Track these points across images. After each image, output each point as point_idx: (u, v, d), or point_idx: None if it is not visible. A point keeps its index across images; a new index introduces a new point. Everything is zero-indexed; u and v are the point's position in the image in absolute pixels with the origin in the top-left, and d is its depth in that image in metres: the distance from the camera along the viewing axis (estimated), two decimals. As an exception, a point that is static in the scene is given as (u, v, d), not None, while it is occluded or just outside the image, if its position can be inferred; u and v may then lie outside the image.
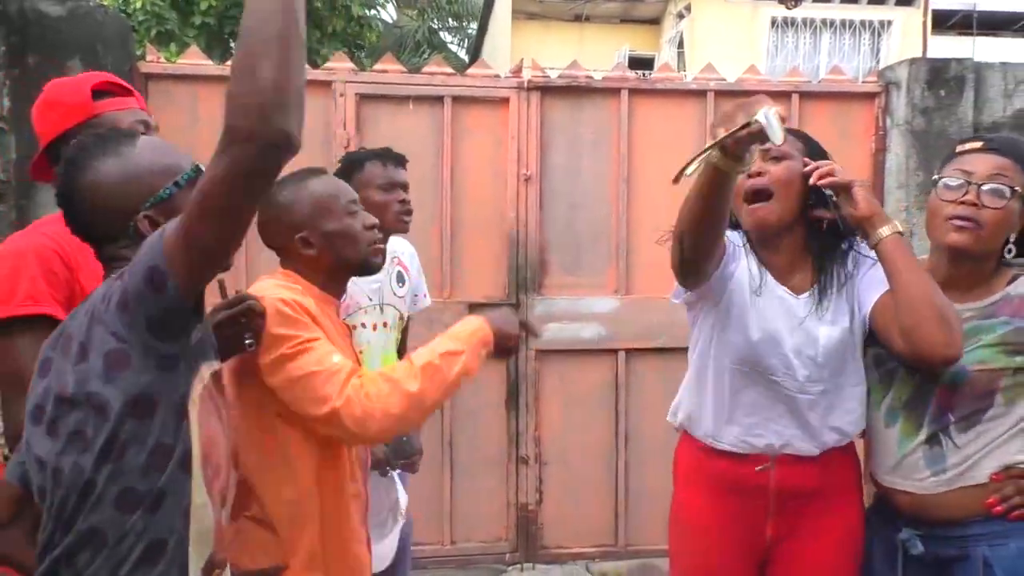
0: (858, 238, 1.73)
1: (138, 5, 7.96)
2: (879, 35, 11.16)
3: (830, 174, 1.65)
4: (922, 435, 1.64)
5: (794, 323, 1.71)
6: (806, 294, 1.74)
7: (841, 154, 3.65)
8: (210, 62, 3.53)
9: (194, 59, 3.48)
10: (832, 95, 3.71)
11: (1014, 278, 1.65)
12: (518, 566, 3.65)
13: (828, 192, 1.66)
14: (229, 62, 3.47)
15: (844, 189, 1.64)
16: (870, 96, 3.72)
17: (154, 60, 3.48)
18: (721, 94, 3.64)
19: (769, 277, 1.75)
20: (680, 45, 11.37)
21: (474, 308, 3.54)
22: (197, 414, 1.17)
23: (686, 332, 1.90)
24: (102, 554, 1.11)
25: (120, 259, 1.23)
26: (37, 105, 1.70)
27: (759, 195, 1.69)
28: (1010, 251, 1.63)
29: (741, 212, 1.73)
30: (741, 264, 1.75)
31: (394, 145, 3.48)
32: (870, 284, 1.69)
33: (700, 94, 3.64)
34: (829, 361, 1.70)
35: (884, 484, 1.72)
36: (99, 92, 1.65)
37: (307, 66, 3.56)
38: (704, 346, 1.79)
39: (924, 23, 10.69)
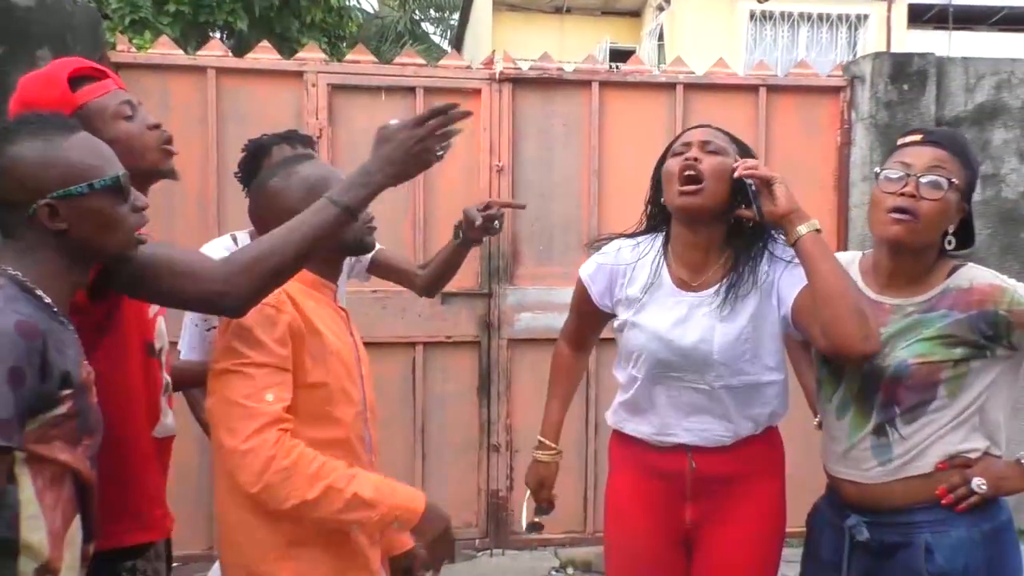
0: (775, 238, 1.79)
1: (112, -7, 7.91)
2: (856, 29, 11.28)
3: (754, 168, 1.70)
4: (870, 426, 1.69)
5: (689, 321, 1.78)
6: (711, 290, 1.79)
7: (807, 147, 3.75)
8: (181, 52, 3.54)
9: (165, 49, 3.48)
10: (799, 89, 3.77)
11: (953, 270, 1.68)
12: (488, 552, 3.71)
13: (751, 189, 1.71)
14: (200, 52, 3.50)
15: (766, 184, 1.69)
16: (835, 90, 3.78)
17: (124, 50, 3.48)
18: (690, 87, 3.69)
19: (665, 280, 1.83)
20: (660, 38, 11.43)
21: (447, 298, 3.58)
22: (32, 430, 1.19)
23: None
24: None
25: (14, 237, 1.27)
26: (14, 106, 1.58)
27: (691, 180, 1.75)
28: (950, 243, 1.66)
29: (670, 195, 1.79)
30: (619, 287, 1.87)
31: (366, 135, 3.51)
32: (791, 283, 1.74)
33: (670, 87, 3.69)
34: (727, 357, 1.76)
35: (832, 474, 1.77)
36: (75, 80, 1.56)
37: (277, 56, 3.56)
38: (618, 349, 1.93)
39: (888, 17, 10.80)
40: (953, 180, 1.62)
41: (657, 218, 1.91)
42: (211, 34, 9.30)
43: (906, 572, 1.63)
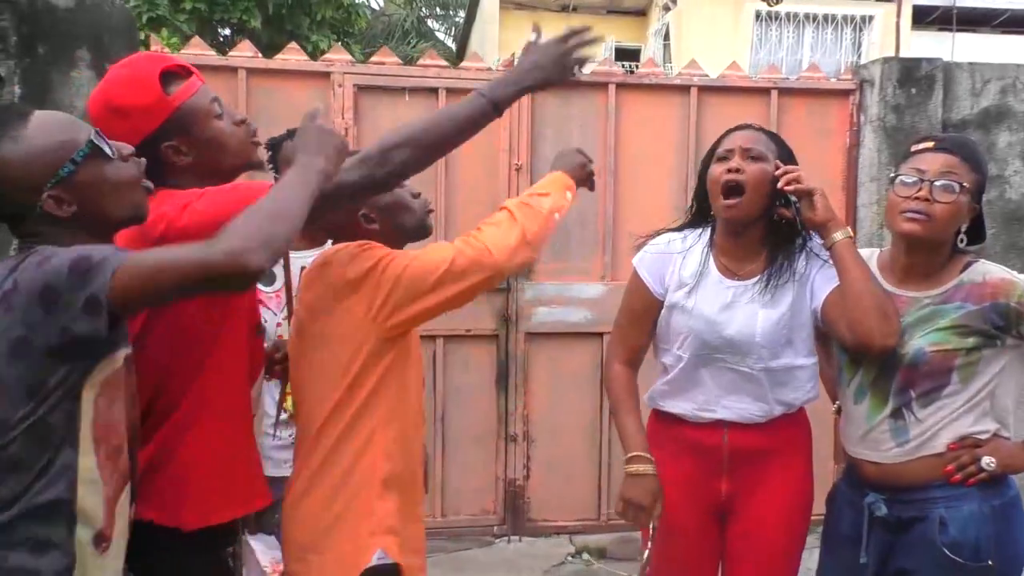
0: (815, 238, 1.94)
1: (130, -10, 8.01)
2: (860, 30, 11.36)
3: (797, 180, 1.84)
4: (887, 410, 1.80)
5: (735, 307, 1.92)
6: (753, 279, 1.94)
7: (817, 148, 3.87)
8: (212, 52, 3.65)
9: (197, 49, 3.59)
10: (809, 92, 3.88)
11: (967, 265, 1.81)
12: (505, 538, 3.83)
13: (793, 200, 1.86)
14: (232, 53, 3.61)
15: (807, 195, 1.85)
16: (845, 93, 3.90)
17: (158, 50, 3.60)
18: (704, 89, 3.81)
19: (712, 269, 1.96)
20: (666, 37, 11.52)
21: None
22: (94, 398, 1.24)
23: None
24: None
25: (34, 235, 1.27)
26: (100, 111, 1.52)
27: (733, 191, 1.88)
28: (962, 240, 1.80)
29: (715, 205, 1.94)
30: (670, 273, 1.99)
31: (390, 135, 3.65)
32: (824, 281, 1.89)
33: (684, 89, 3.81)
34: (768, 341, 1.90)
35: (853, 455, 1.89)
36: (166, 80, 1.52)
37: (306, 58, 3.70)
38: (660, 333, 2.04)
39: (897, 23, 10.89)
40: (964, 184, 1.75)
41: (703, 212, 2.04)
42: (221, 30, 9.42)
43: (922, 544, 1.75)
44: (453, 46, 17.44)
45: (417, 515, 1.67)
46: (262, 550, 2.26)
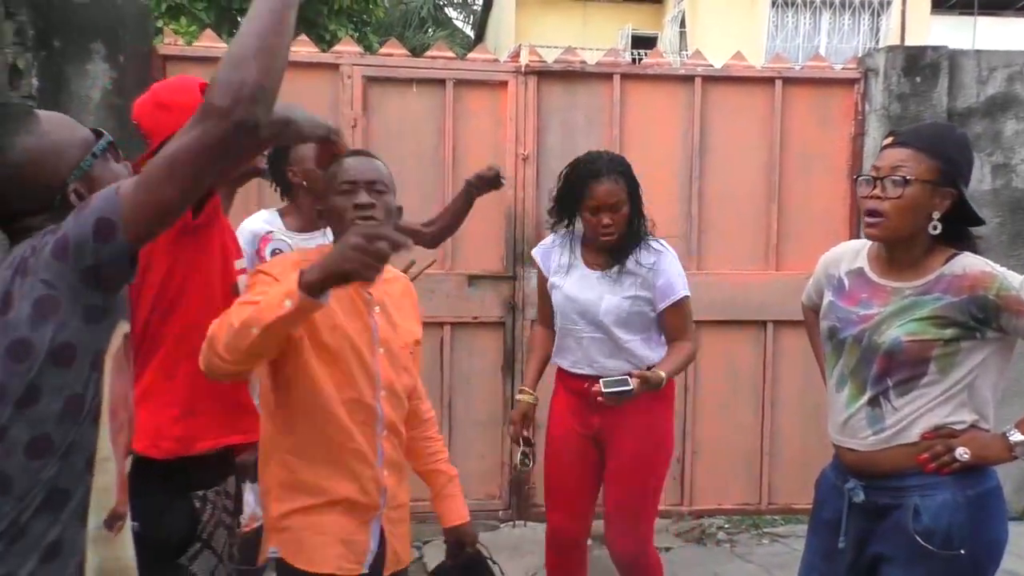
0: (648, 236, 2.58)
1: (148, -20, 8.11)
2: (878, 15, 11.25)
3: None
4: (865, 398, 1.85)
5: (591, 292, 2.55)
6: (601, 272, 2.57)
7: (821, 137, 3.89)
8: (223, 44, 3.72)
9: (209, 42, 3.67)
10: (814, 81, 3.89)
11: (950, 258, 1.82)
12: (511, 523, 3.91)
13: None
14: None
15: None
16: (850, 82, 3.90)
17: (172, 42, 3.68)
18: (709, 79, 3.83)
19: (580, 262, 2.62)
20: (682, 24, 11.47)
21: (473, 280, 3.77)
22: (110, 369, 1.23)
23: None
24: (6, 500, 1.16)
25: (34, 229, 1.25)
26: (146, 106, 1.85)
27: (606, 230, 2.51)
28: (935, 228, 1.79)
29: (587, 226, 2.57)
30: (553, 265, 2.67)
31: (399, 125, 3.72)
32: (662, 292, 2.54)
33: (689, 79, 3.83)
34: (610, 318, 2.51)
35: (834, 442, 1.94)
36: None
37: (315, 50, 3.77)
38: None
39: (903, 9, 10.76)
40: (910, 177, 1.77)
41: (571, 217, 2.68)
42: (240, 19, 9.49)
43: (896, 530, 1.80)
44: (471, 34, 17.45)
45: (342, 498, 1.74)
46: (252, 501, 2.39)
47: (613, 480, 2.60)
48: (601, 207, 2.50)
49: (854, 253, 1.97)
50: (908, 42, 9.10)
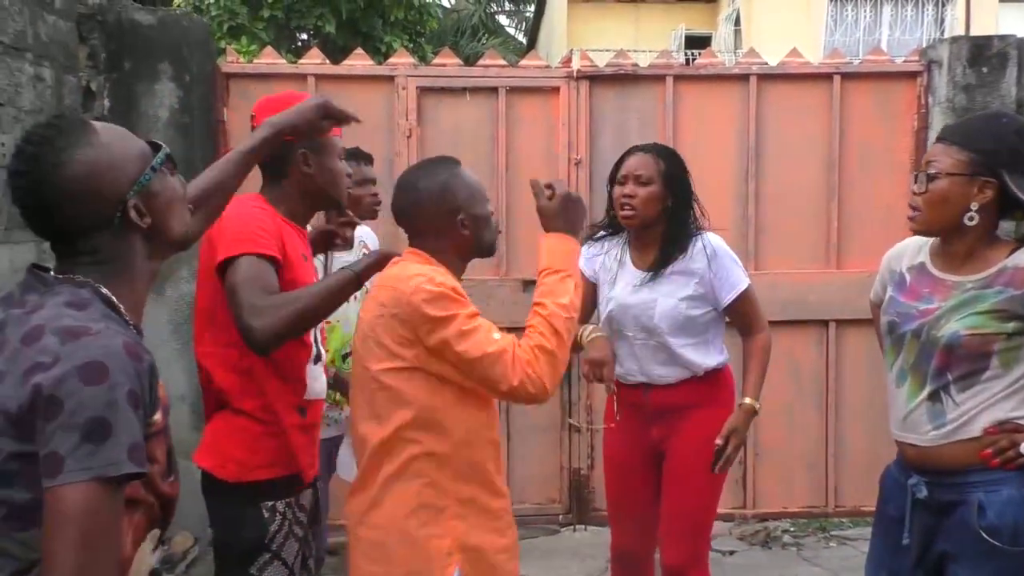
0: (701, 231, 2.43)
1: (211, 0, 8.39)
2: (943, 5, 10.92)
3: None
4: (925, 393, 1.82)
5: (643, 294, 2.40)
6: (651, 271, 2.41)
7: (882, 132, 3.81)
8: (283, 61, 3.84)
9: (270, 59, 3.78)
10: (874, 75, 3.81)
11: (1014, 250, 1.78)
12: (571, 527, 3.91)
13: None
14: (301, 60, 3.79)
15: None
16: (912, 75, 3.81)
17: (233, 60, 3.80)
18: (764, 77, 3.79)
19: (628, 262, 2.48)
20: (737, 23, 11.33)
21: (528, 285, 3.79)
22: None
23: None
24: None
25: (90, 253, 1.17)
26: (275, 105, 1.85)
27: (627, 200, 2.36)
28: (971, 219, 1.77)
29: (615, 204, 2.43)
30: (598, 267, 2.53)
31: (452, 134, 3.78)
32: (723, 285, 2.40)
33: (743, 78, 3.79)
34: (665, 323, 2.37)
35: (896, 437, 1.91)
36: None
37: (371, 62, 3.85)
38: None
39: (968, 0, 10.40)
40: (936, 171, 1.79)
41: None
42: (298, 35, 9.74)
43: (961, 527, 1.76)
44: (523, 40, 17.54)
45: (495, 510, 1.75)
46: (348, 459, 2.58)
47: (669, 488, 2.48)
48: (627, 177, 2.37)
49: (916, 248, 1.94)
50: (974, 32, 8.82)
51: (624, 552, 2.59)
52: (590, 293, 2.54)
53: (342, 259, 2.57)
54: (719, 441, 2.29)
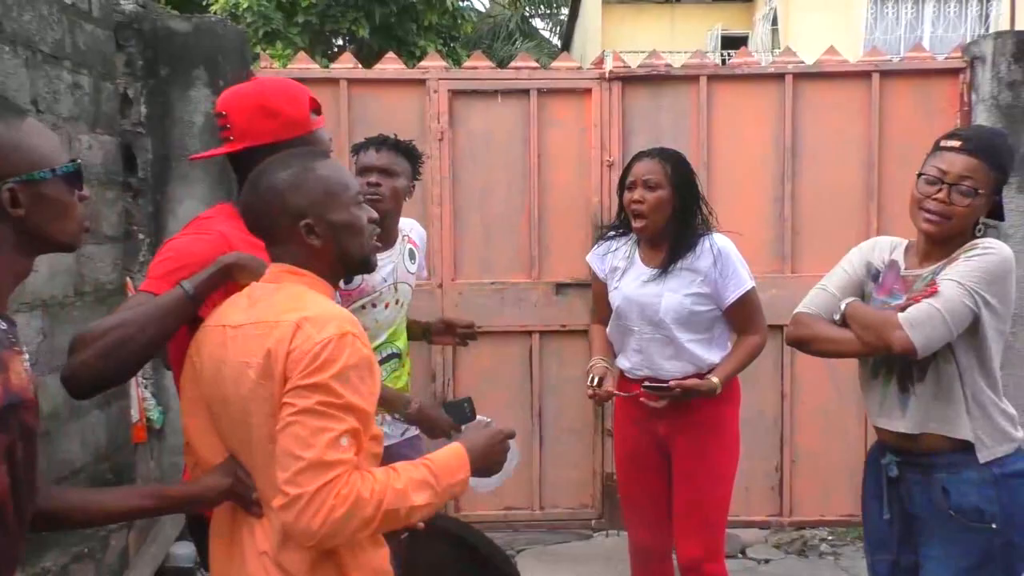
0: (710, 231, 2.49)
1: (245, 6, 8.51)
2: (988, 0, 10.66)
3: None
4: (893, 382, 1.97)
5: (649, 289, 2.47)
6: (659, 269, 2.47)
7: (923, 131, 3.70)
8: (316, 65, 3.86)
9: (303, 63, 3.81)
10: (914, 72, 3.72)
11: (971, 247, 1.89)
12: (604, 532, 3.87)
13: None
14: (333, 65, 3.81)
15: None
16: (954, 72, 3.71)
17: (267, 66, 3.84)
18: (800, 76, 3.72)
19: (637, 260, 2.54)
20: (774, 22, 11.18)
21: (561, 288, 3.77)
22: None
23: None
24: None
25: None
26: (247, 106, 1.70)
27: (637, 207, 2.42)
28: (980, 231, 1.91)
29: (626, 209, 2.49)
30: (608, 268, 2.60)
31: (484, 137, 3.77)
32: (727, 285, 2.44)
33: (779, 78, 3.72)
34: (670, 317, 2.43)
35: (873, 424, 2.07)
36: (313, 110, 1.75)
37: (402, 66, 3.86)
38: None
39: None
40: (980, 190, 1.86)
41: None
42: (334, 40, 9.84)
43: (928, 505, 1.92)
44: (558, 43, 17.51)
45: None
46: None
47: (679, 484, 2.53)
48: (636, 183, 2.44)
49: (890, 246, 2.07)
50: (1020, 28, 8.59)
51: (640, 548, 2.66)
52: (605, 293, 2.62)
53: (384, 259, 2.41)
54: (673, 384, 2.38)
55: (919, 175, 1.94)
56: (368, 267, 1.53)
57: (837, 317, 1.99)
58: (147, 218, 3.48)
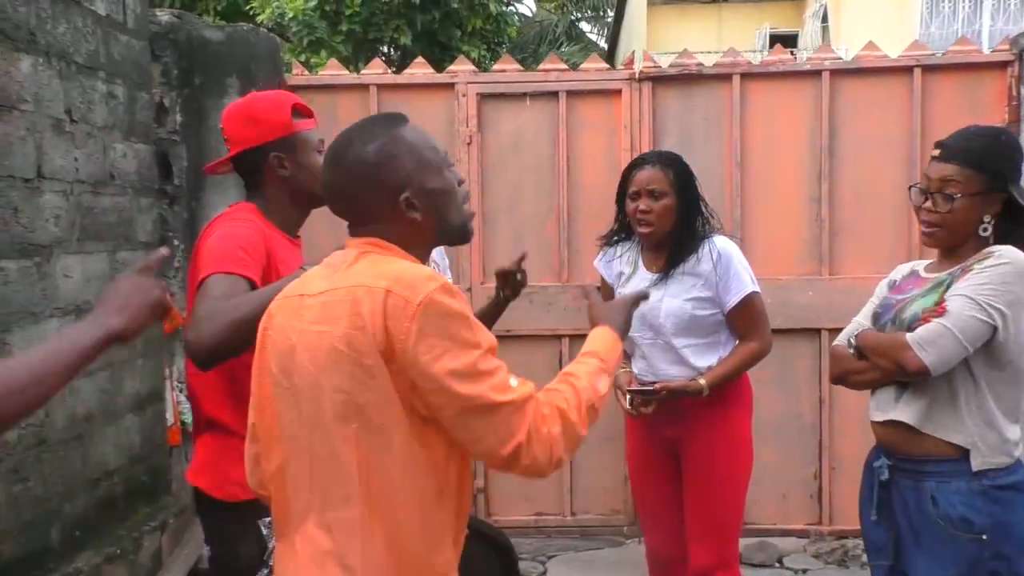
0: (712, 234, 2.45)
1: (291, 15, 8.65)
2: (1051, -8, 10.25)
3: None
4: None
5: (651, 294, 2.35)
6: (660, 273, 2.44)
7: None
8: (346, 72, 3.89)
9: (334, 70, 3.85)
10: (958, 67, 3.59)
11: (985, 256, 1.85)
12: (636, 539, 3.80)
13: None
14: (364, 71, 3.84)
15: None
16: (1002, 65, 3.57)
17: (298, 73, 3.89)
18: (838, 73, 3.61)
19: (640, 265, 2.52)
20: (824, 19, 10.94)
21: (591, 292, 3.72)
22: None
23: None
24: None
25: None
26: (236, 116, 1.88)
27: (643, 217, 2.41)
28: (985, 230, 1.87)
29: (630, 218, 2.47)
30: (614, 273, 2.60)
31: (513, 139, 3.75)
32: (727, 288, 2.40)
33: (815, 74, 3.63)
34: (670, 322, 2.40)
35: (871, 419, 2.01)
36: (295, 112, 1.89)
37: (431, 70, 3.86)
38: None
39: None
40: (957, 194, 1.85)
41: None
42: (379, 47, 9.94)
43: (917, 512, 1.90)
44: (605, 46, 17.44)
45: None
46: None
47: (690, 490, 2.50)
48: (640, 192, 2.42)
49: (911, 266, 2.08)
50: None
51: (656, 554, 2.65)
52: (612, 297, 2.61)
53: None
54: (658, 386, 2.36)
55: (910, 188, 1.99)
56: (467, 235, 1.43)
57: (852, 351, 1.99)
58: (182, 224, 3.55)
